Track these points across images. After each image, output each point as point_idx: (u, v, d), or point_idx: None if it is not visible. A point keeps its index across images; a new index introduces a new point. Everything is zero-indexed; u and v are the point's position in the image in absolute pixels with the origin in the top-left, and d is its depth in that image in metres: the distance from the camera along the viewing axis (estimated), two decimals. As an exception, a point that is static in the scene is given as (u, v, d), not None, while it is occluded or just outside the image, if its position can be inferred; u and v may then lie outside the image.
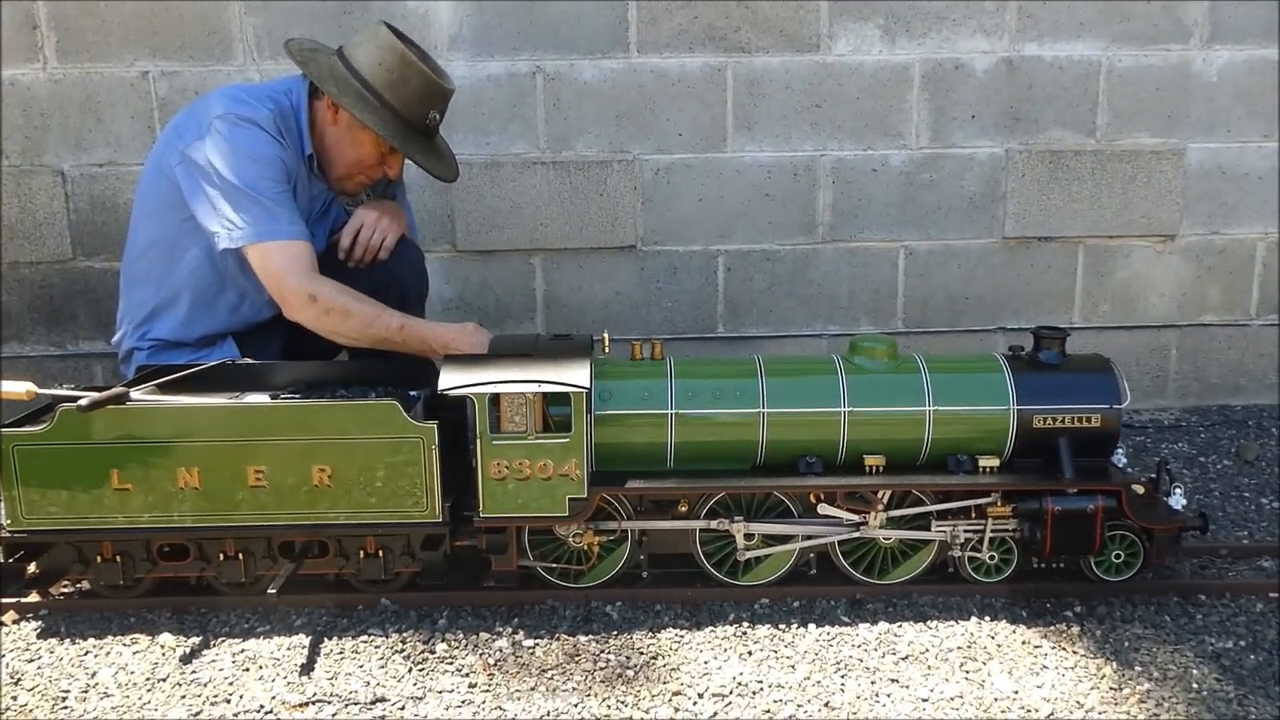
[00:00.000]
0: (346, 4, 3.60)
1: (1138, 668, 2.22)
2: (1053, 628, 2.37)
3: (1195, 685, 2.15)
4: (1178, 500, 2.49)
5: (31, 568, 2.43)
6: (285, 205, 2.68)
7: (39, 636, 2.37)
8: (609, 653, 2.28)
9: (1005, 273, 3.97)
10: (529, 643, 2.32)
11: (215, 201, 2.64)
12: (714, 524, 2.46)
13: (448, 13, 3.65)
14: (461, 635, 2.35)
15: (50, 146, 3.68)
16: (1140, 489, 2.42)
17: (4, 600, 2.47)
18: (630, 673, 2.20)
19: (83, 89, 3.64)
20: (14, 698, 2.13)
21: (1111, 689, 2.14)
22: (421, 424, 2.34)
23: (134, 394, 2.41)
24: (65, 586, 2.54)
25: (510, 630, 2.37)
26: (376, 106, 2.71)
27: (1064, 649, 2.29)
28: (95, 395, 2.31)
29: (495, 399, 2.32)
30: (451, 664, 2.24)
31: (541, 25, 3.68)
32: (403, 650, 2.29)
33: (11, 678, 2.20)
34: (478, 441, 2.33)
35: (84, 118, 3.66)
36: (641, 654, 2.27)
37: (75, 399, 2.30)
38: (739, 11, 3.70)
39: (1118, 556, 2.48)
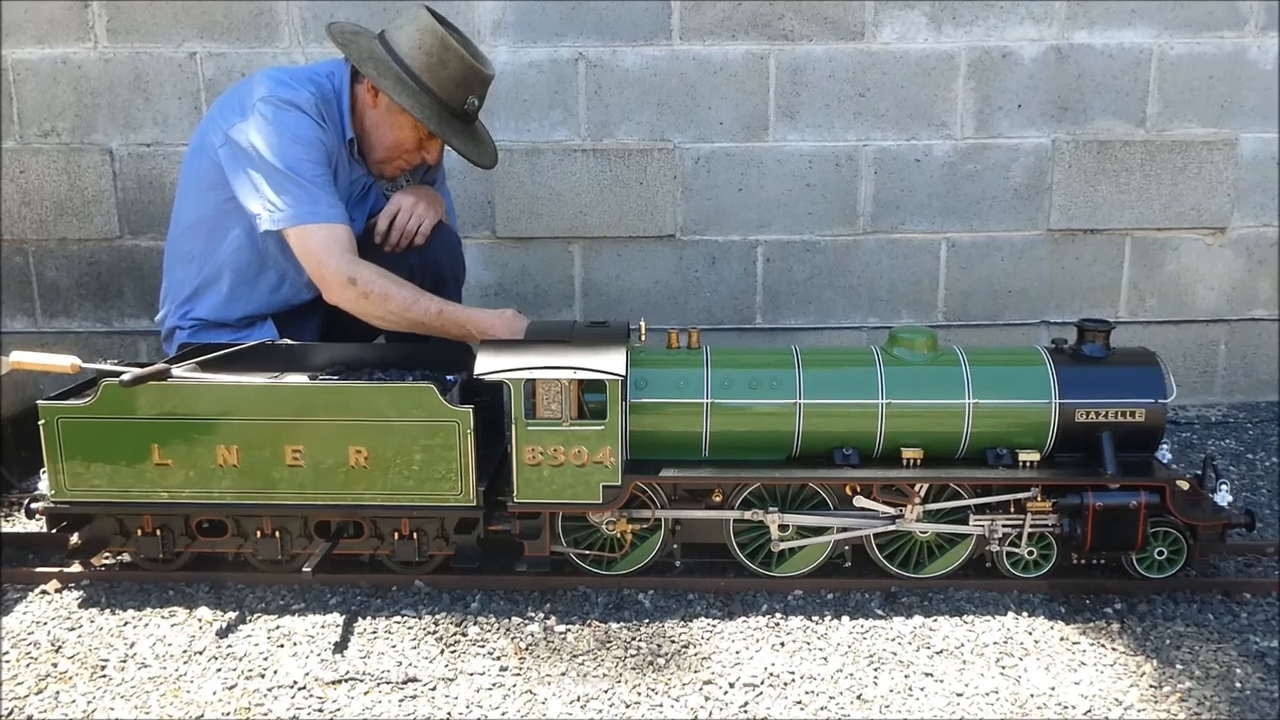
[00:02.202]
0: (391, -12, 3.62)
1: (1179, 666, 2.17)
2: (1092, 625, 2.34)
3: (1238, 685, 2.11)
4: (1223, 497, 2.44)
5: (74, 538, 2.47)
6: (326, 188, 2.69)
7: (80, 606, 2.41)
8: (640, 640, 2.28)
9: (1050, 266, 3.91)
10: (560, 628, 2.32)
11: (257, 183, 2.66)
12: (748, 514, 2.44)
13: (491, -3, 3.65)
14: (493, 619, 2.36)
15: (100, 125, 3.73)
16: (1184, 485, 2.37)
17: (47, 569, 2.52)
18: (661, 661, 2.20)
19: (132, 68, 3.68)
20: (54, 664, 2.18)
21: (1151, 687, 2.10)
22: (457, 408, 2.35)
23: (175, 371, 2.44)
24: (106, 558, 2.59)
25: (542, 615, 2.37)
26: (415, 90, 2.72)
27: (1103, 646, 2.25)
28: (138, 371, 2.34)
29: (531, 384, 2.32)
30: (483, 647, 2.25)
31: (584, 11, 3.67)
32: (435, 632, 2.31)
33: (53, 645, 2.24)
34: (513, 427, 2.34)
35: (133, 97, 3.71)
36: (673, 642, 2.27)
37: (118, 374, 2.34)
38: (783, -2, 3.67)
39: (1160, 553, 2.44)
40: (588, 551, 2.49)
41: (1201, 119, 3.80)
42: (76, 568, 2.54)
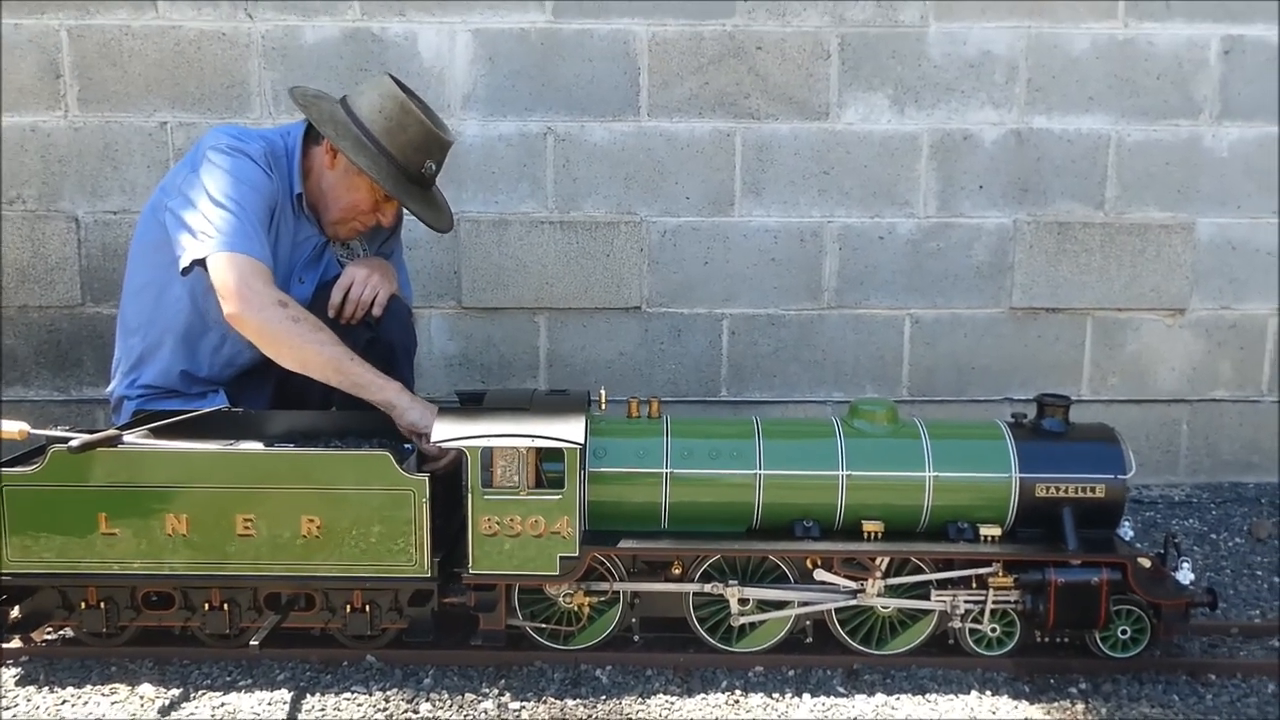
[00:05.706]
0: (363, 60, 3.66)
1: (1143, 749, 2.14)
2: (1056, 704, 2.30)
3: (1203, 769, 2.08)
4: (1186, 575, 2.43)
5: (14, 612, 2.39)
6: (260, 231, 2.64)
7: (17, 684, 2.32)
8: (597, 718, 2.22)
9: (1012, 343, 3.94)
10: (515, 705, 2.26)
11: (191, 219, 2.60)
12: (708, 587, 2.41)
13: (462, 72, 3.70)
14: (447, 696, 2.30)
15: (66, 192, 3.72)
16: (1146, 562, 2.36)
17: (-16, 645, 2.44)
18: (617, 739, 2.14)
19: (101, 137, 3.69)
20: (-16, 745, 2.09)
21: (1115, 771, 2.07)
22: (413, 476, 2.32)
23: (126, 437, 2.40)
24: (48, 633, 2.51)
25: (496, 692, 2.31)
26: (373, 152, 2.73)
27: (1067, 727, 2.21)
28: (86, 437, 2.30)
29: (488, 453, 2.29)
30: (434, 724, 2.19)
31: (554, 87, 3.72)
32: (386, 710, 2.24)
33: (-16, 724, 2.16)
34: (469, 496, 2.30)
35: (101, 165, 3.71)
36: (630, 720, 2.21)
37: (67, 440, 2.29)
38: (749, 79, 3.74)
39: (1124, 632, 2.41)
40: (544, 625, 2.43)
41: (1159, 203, 3.88)
42: (16, 643, 2.45)
